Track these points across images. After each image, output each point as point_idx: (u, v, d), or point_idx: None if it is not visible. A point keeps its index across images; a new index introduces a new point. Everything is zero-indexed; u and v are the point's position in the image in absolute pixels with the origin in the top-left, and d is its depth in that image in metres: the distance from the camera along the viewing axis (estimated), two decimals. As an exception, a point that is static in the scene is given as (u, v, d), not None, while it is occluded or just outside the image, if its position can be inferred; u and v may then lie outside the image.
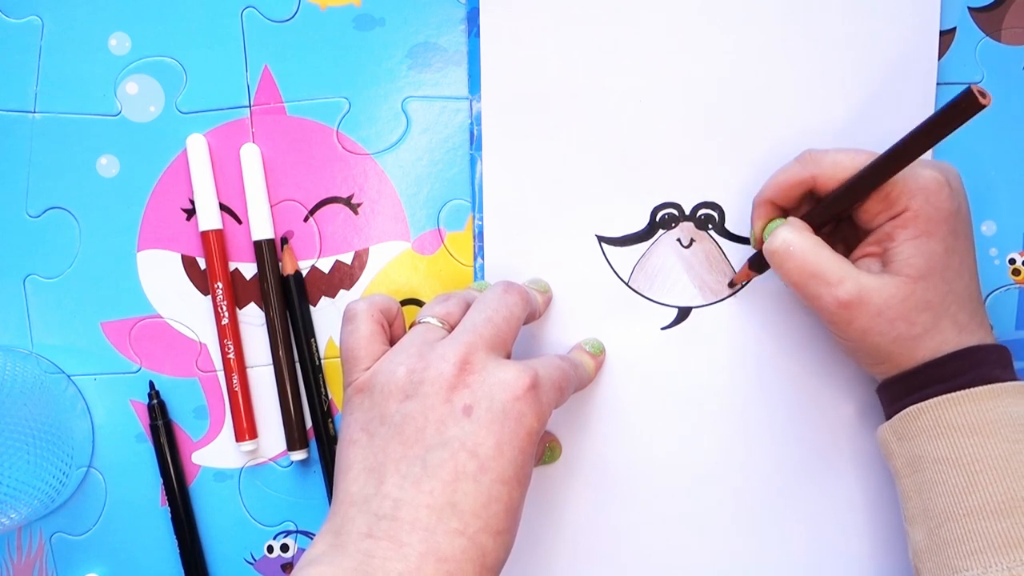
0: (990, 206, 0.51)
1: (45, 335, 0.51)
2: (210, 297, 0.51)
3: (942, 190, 0.42)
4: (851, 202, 0.43)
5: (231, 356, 0.50)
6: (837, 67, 0.49)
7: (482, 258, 0.51)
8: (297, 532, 0.52)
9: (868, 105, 0.49)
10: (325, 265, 0.51)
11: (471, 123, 0.51)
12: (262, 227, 0.50)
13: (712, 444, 0.51)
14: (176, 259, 0.51)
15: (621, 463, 0.51)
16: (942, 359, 0.42)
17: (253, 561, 0.52)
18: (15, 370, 0.48)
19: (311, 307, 0.51)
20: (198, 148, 0.50)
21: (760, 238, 0.46)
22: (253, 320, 0.51)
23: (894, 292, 0.42)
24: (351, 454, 0.40)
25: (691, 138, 0.50)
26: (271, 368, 0.51)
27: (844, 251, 0.46)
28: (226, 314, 0.50)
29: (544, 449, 0.50)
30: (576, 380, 0.45)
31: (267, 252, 0.50)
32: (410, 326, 0.44)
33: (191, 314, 0.51)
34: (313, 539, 0.41)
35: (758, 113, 0.50)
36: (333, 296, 0.51)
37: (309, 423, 0.51)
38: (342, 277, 0.51)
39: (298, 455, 0.51)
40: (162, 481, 0.51)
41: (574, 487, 0.51)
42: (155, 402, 0.51)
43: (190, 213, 0.51)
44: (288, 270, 0.50)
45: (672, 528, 0.51)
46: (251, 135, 0.51)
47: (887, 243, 0.43)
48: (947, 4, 0.49)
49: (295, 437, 0.51)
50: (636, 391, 0.51)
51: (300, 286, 0.51)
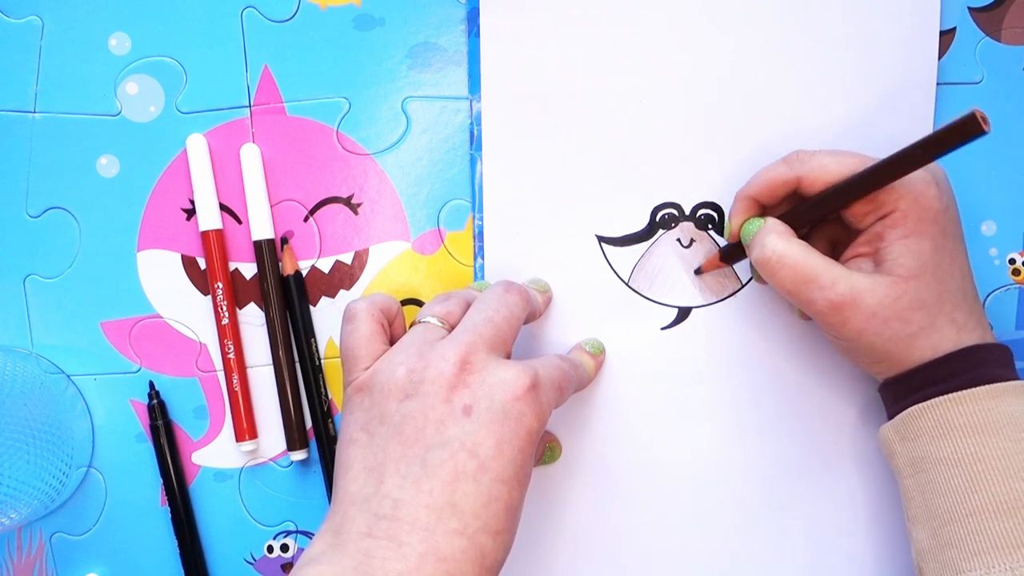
0: (990, 206, 0.51)
1: (45, 335, 0.51)
2: (210, 297, 0.51)
3: (929, 189, 0.42)
4: (835, 207, 0.44)
5: (231, 356, 0.50)
6: (837, 67, 0.49)
7: (482, 258, 0.51)
8: (297, 532, 0.52)
9: (868, 105, 0.49)
10: (325, 265, 0.51)
11: (471, 123, 0.51)
12: (262, 227, 0.50)
13: (712, 444, 0.51)
14: (176, 259, 0.51)
15: (621, 463, 0.51)
16: (942, 359, 0.42)
17: (253, 561, 0.52)
18: (15, 370, 0.48)
19: (311, 307, 0.51)
20: (198, 148, 0.50)
21: (736, 233, 0.46)
22: (253, 320, 0.51)
23: (887, 292, 0.42)
24: (351, 453, 0.40)
25: (691, 138, 0.50)
26: (271, 368, 0.51)
27: (827, 249, 0.47)
28: (226, 314, 0.50)
29: (544, 449, 0.50)
30: (576, 380, 0.45)
31: (267, 252, 0.50)
32: (410, 326, 0.44)
33: (191, 314, 0.51)
34: (312, 538, 0.41)
35: (758, 113, 0.50)
36: (333, 296, 0.51)
37: (309, 423, 0.51)
38: (342, 277, 0.51)
39: (298, 455, 0.51)
40: (162, 481, 0.51)
41: (574, 487, 0.51)
42: (155, 402, 0.51)
43: (190, 213, 0.51)
44: (288, 270, 0.50)
45: (672, 528, 0.51)
46: (251, 135, 0.51)
47: (877, 243, 0.43)
48: (947, 4, 0.49)
49: (295, 437, 0.51)
50: (636, 391, 0.51)
51: (300, 286, 0.51)
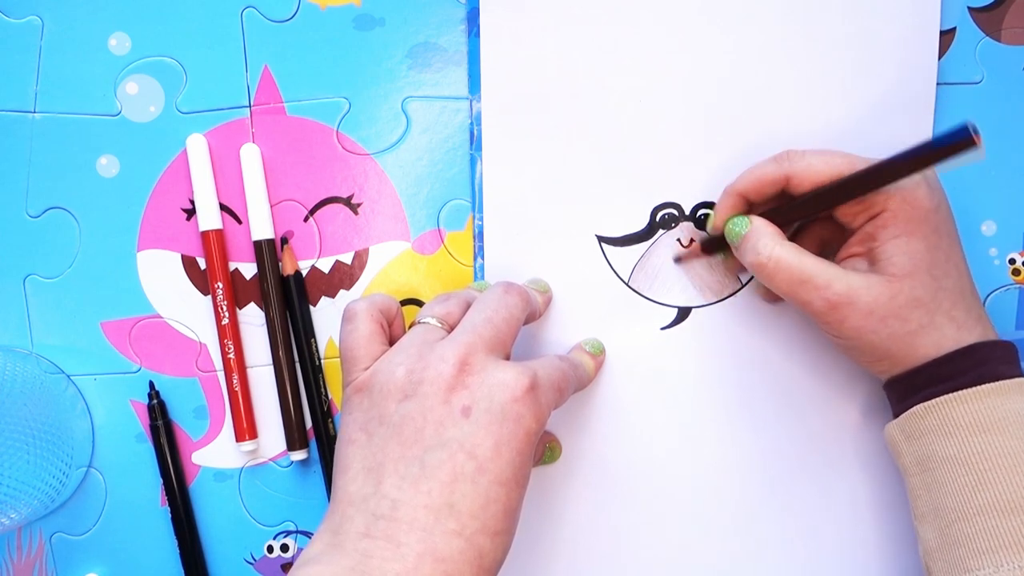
0: (990, 206, 0.51)
1: (45, 335, 0.51)
2: (210, 297, 0.51)
3: (919, 189, 0.42)
4: (821, 209, 0.44)
5: (231, 356, 0.50)
6: (837, 67, 0.49)
7: (482, 258, 0.51)
8: (297, 532, 0.52)
9: (868, 105, 0.49)
10: (325, 265, 0.51)
11: (471, 123, 0.51)
12: (262, 227, 0.50)
13: (712, 444, 0.51)
14: (176, 259, 0.51)
15: (621, 463, 0.51)
16: (945, 357, 0.42)
17: (253, 561, 0.52)
18: (15, 370, 0.48)
19: (311, 307, 0.51)
20: (198, 148, 0.50)
21: (719, 226, 0.47)
22: (253, 320, 0.51)
23: (882, 291, 0.42)
24: (350, 453, 0.40)
25: (691, 138, 0.50)
26: (271, 368, 0.51)
27: (818, 248, 0.47)
28: (226, 314, 0.50)
29: (544, 449, 0.50)
30: (576, 380, 0.45)
31: (267, 252, 0.50)
32: (410, 326, 0.44)
33: (191, 314, 0.51)
34: (311, 538, 0.41)
35: (758, 113, 0.50)
36: (333, 296, 0.51)
37: (309, 423, 0.51)
38: (342, 277, 0.51)
39: (298, 455, 0.51)
40: (162, 481, 0.51)
41: (574, 487, 0.51)
42: (155, 402, 0.51)
43: (190, 213, 0.51)
44: (288, 270, 0.50)
45: (672, 528, 0.51)
46: (251, 135, 0.51)
47: (870, 243, 0.43)
48: (947, 4, 0.49)
49: (295, 437, 0.51)
50: (636, 391, 0.51)
51: (300, 286, 0.51)
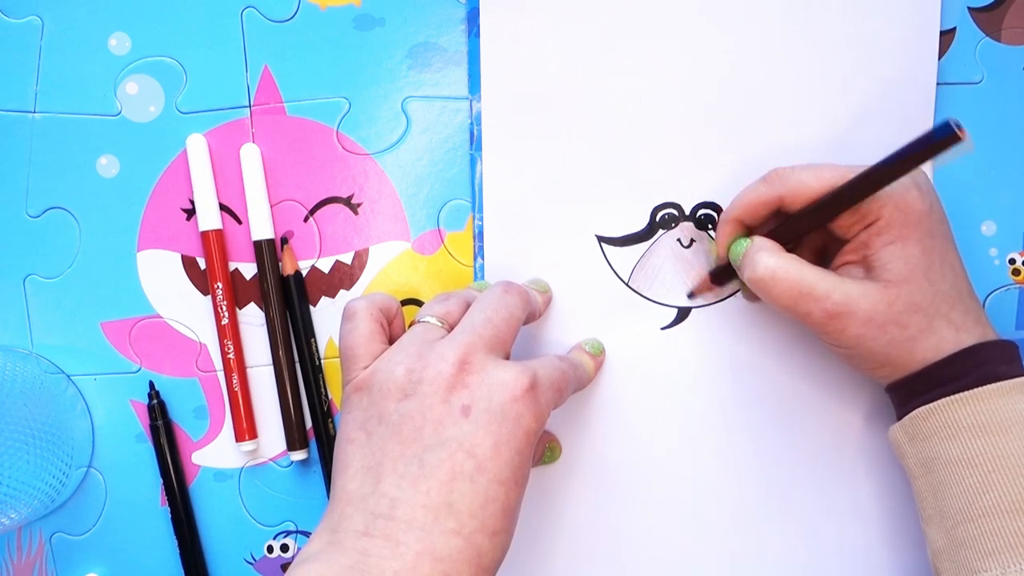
0: (990, 206, 0.51)
1: (45, 335, 0.51)
2: (210, 297, 0.51)
3: (911, 194, 0.42)
4: (819, 223, 0.44)
5: (231, 356, 0.50)
6: (837, 67, 0.49)
7: (482, 258, 0.51)
8: (297, 532, 0.52)
9: (868, 105, 0.49)
10: (325, 265, 0.51)
11: (471, 123, 0.51)
12: (262, 227, 0.50)
13: (712, 444, 0.51)
14: (176, 259, 0.51)
15: (621, 463, 0.51)
16: (945, 360, 0.42)
17: (253, 561, 0.52)
18: (15, 370, 0.48)
19: (311, 307, 0.51)
20: (198, 148, 0.50)
21: (723, 255, 0.47)
22: (253, 320, 0.51)
23: (879, 298, 0.42)
24: (349, 452, 0.40)
25: (691, 138, 0.50)
26: (271, 368, 0.51)
27: (814, 257, 0.47)
28: (226, 314, 0.50)
29: (544, 449, 0.50)
30: (575, 380, 0.45)
31: (267, 252, 0.50)
32: (409, 325, 0.44)
33: (191, 314, 0.51)
34: (310, 536, 0.41)
35: (758, 113, 0.50)
36: (333, 296, 0.51)
37: (309, 423, 0.51)
38: (342, 277, 0.51)
39: (298, 455, 0.51)
40: (162, 481, 0.51)
41: (574, 487, 0.51)
42: (155, 402, 0.51)
43: (190, 213, 0.51)
44: (288, 270, 0.50)
45: (672, 528, 0.51)
46: (251, 135, 0.51)
47: (864, 251, 0.43)
48: (947, 4, 0.49)
49: (295, 437, 0.51)
50: (636, 391, 0.51)
51: (300, 286, 0.51)
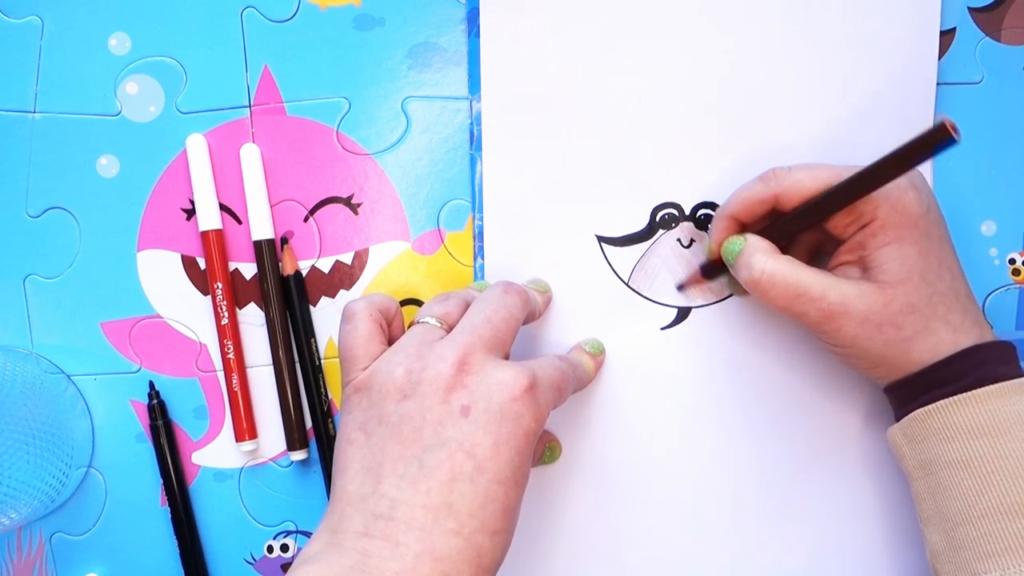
0: (990, 206, 0.51)
1: (45, 335, 0.51)
2: (210, 297, 0.51)
3: (907, 195, 0.42)
4: (813, 222, 0.44)
5: (231, 356, 0.50)
6: (837, 67, 0.49)
7: (482, 258, 0.51)
8: (297, 532, 0.52)
9: (868, 105, 0.49)
10: (325, 265, 0.51)
11: (471, 123, 0.51)
12: (262, 227, 0.50)
13: (712, 444, 0.51)
14: (176, 259, 0.51)
15: (621, 463, 0.51)
16: (943, 361, 0.42)
17: (253, 561, 0.52)
18: (15, 370, 0.48)
19: (311, 307, 0.51)
20: (198, 148, 0.50)
21: (716, 251, 0.47)
22: (253, 320, 0.51)
23: (875, 298, 0.42)
24: (349, 453, 0.40)
25: (691, 138, 0.50)
26: (271, 368, 0.51)
27: (808, 257, 0.47)
28: (226, 314, 0.50)
29: (544, 449, 0.50)
30: (575, 381, 0.45)
31: (267, 252, 0.50)
32: (409, 326, 0.44)
33: (191, 314, 0.51)
34: (310, 537, 0.41)
35: (758, 113, 0.50)
36: (333, 296, 0.51)
37: (309, 423, 0.51)
38: (342, 277, 0.51)
39: (298, 455, 0.51)
40: (162, 481, 0.51)
41: (574, 487, 0.51)
42: (155, 402, 0.51)
43: (190, 213, 0.51)
44: (288, 270, 0.50)
45: (672, 528, 0.51)
46: (251, 135, 0.51)
47: (860, 251, 0.43)
48: (947, 4, 0.49)
49: (295, 437, 0.51)
50: (636, 391, 0.51)
51: (300, 286, 0.51)
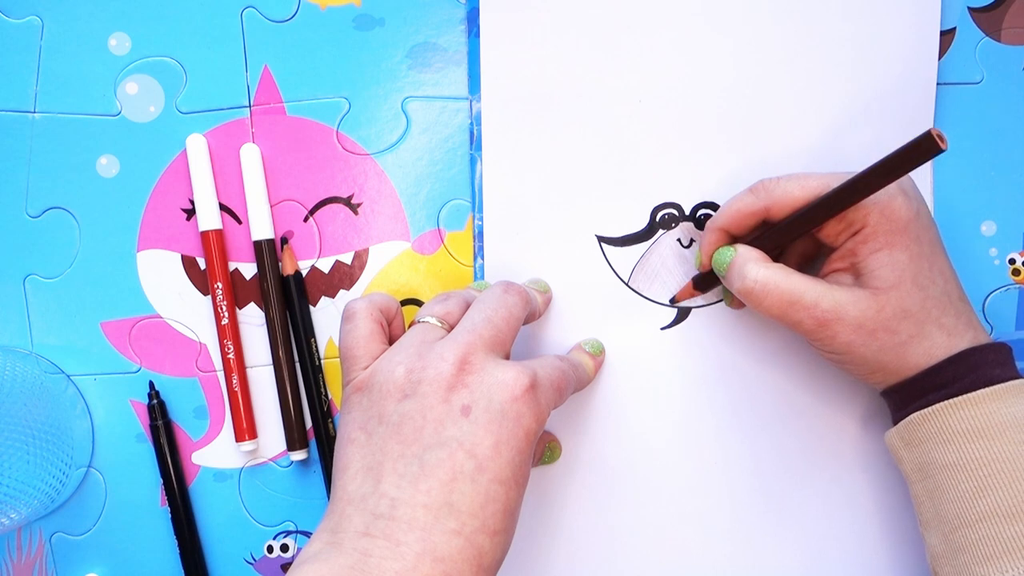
0: (990, 206, 0.51)
1: (45, 335, 0.51)
2: (210, 297, 0.51)
3: (896, 201, 0.42)
4: (803, 231, 0.44)
5: (231, 356, 0.50)
6: (837, 67, 0.49)
7: (482, 258, 0.51)
8: (297, 532, 0.52)
9: (868, 105, 0.49)
10: (325, 265, 0.51)
11: (471, 123, 0.51)
12: (262, 227, 0.50)
13: (712, 445, 0.51)
14: (176, 259, 0.51)
15: (621, 463, 0.51)
16: (938, 365, 0.42)
17: (253, 561, 0.52)
18: (15, 370, 0.48)
19: (311, 307, 0.51)
20: (198, 148, 0.50)
21: (707, 263, 0.47)
22: (253, 320, 0.51)
23: (868, 304, 0.42)
24: (349, 452, 0.40)
25: (691, 138, 0.50)
26: (271, 368, 0.51)
27: (800, 264, 0.47)
28: (226, 314, 0.50)
29: (544, 449, 0.50)
30: (575, 380, 0.45)
31: (267, 252, 0.50)
32: (409, 325, 0.44)
33: (191, 314, 0.51)
34: (310, 537, 0.41)
35: (758, 113, 0.50)
36: (333, 296, 0.51)
37: (309, 423, 0.51)
38: (342, 277, 0.51)
39: (298, 455, 0.51)
40: (162, 481, 0.51)
41: (574, 487, 0.51)
42: (155, 402, 0.51)
43: (190, 213, 0.51)
44: (288, 270, 0.50)
45: (671, 529, 0.51)
46: (251, 135, 0.51)
47: (852, 258, 0.43)
48: (947, 4, 0.49)
49: (295, 437, 0.51)
50: (636, 391, 0.51)
51: (300, 286, 0.51)
